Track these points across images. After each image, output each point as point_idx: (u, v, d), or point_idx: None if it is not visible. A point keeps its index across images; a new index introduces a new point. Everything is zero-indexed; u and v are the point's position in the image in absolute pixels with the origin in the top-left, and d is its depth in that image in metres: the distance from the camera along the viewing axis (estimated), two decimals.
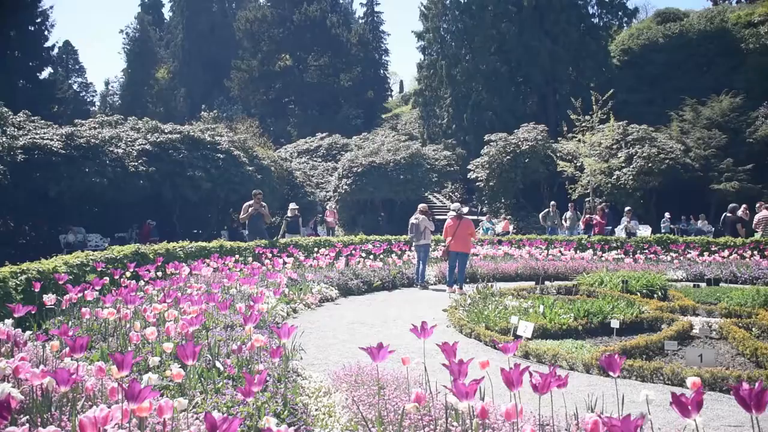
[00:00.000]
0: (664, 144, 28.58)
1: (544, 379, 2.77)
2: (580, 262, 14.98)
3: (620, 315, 8.03)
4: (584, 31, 40.14)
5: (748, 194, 26.65)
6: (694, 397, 2.51)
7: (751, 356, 6.47)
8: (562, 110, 31.17)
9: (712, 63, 38.39)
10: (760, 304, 9.05)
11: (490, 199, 31.09)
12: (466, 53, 40.66)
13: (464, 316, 8.50)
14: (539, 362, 6.36)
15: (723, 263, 14.73)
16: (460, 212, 12.33)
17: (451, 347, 3.45)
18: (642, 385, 5.61)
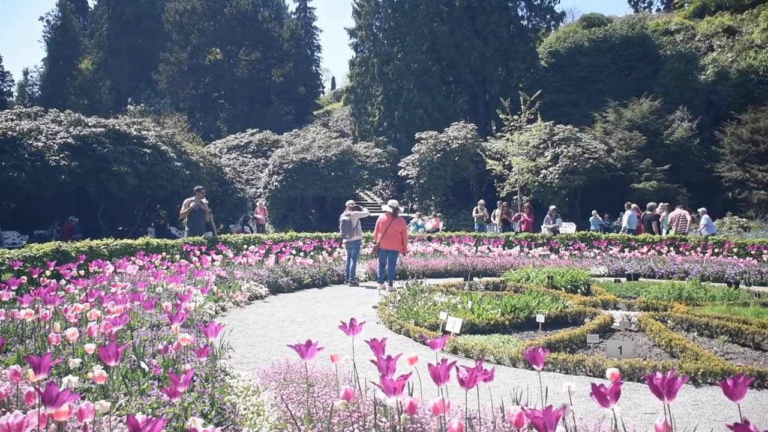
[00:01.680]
0: (589, 144, 29.52)
1: (470, 373, 2.83)
2: (507, 258, 15.29)
3: (545, 310, 8.24)
4: (514, 33, 41.00)
5: (666, 193, 27.91)
6: (612, 387, 2.60)
7: (666, 347, 6.77)
8: (491, 109, 31.79)
9: (634, 67, 39.86)
10: (675, 298, 9.49)
11: (420, 197, 31.38)
12: (398, 51, 40.89)
13: (394, 313, 8.55)
14: (467, 357, 6.46)
15: (642, 259, 15.34)
16: (396, 210, 12.38)
17: (380, 343, 3.47)
18: (566, 377, 5.78)
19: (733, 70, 35.94)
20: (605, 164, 29.25)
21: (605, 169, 29.18)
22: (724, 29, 40.53)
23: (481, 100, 40.89)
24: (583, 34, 43.36)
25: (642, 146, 30.62)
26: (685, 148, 31.91)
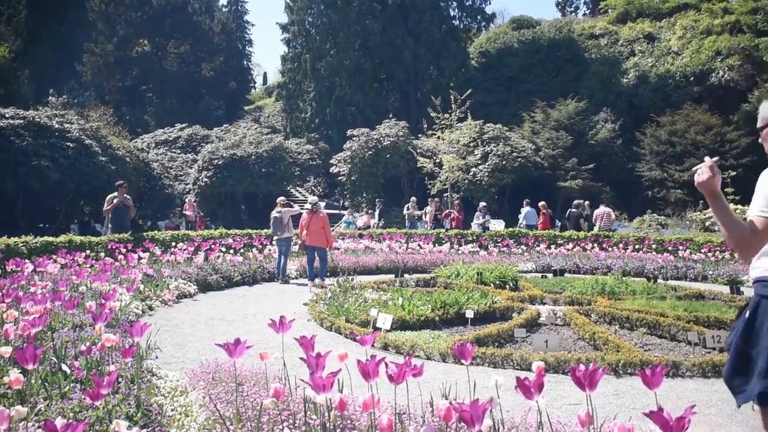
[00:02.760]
0: (517, 143, 30.17)
1: (399, 369, 2.86)
2: (438, 255, 15.48)
3: (475, 305, 8.38)
4: (446, 33, 41.45)
5: (590, 191, 28.86)
6: (536, 380, 2.68)
7: (590, 340, 7.02)
8: (423, 108, 32.05)
9: (561, 69, 40.95)
10: (599, 293, 9.83)
11: (351, 194, 31.38)
12: (330, 48, 40.75)
13: (325, 310, 8.55)
14: (398, 353, 6.52)
15: (568, 255, 15.82)
16: (315, 206, 12.37)
17: (309, 341, 3.47)
18: (494, 371, 5.90)
19: (652, 74, 37.44)
20: (533, 163, 29.98)
21: (533, 167, 29.91)
22: (645, 35, 42.17)
23: (413, 98, 41.22)
24: (513, 36, 44.26)
25: (568, 146, 31.54)
26: (609, 148, 33.09)
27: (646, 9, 46.72)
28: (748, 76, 35.33)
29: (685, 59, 37.21)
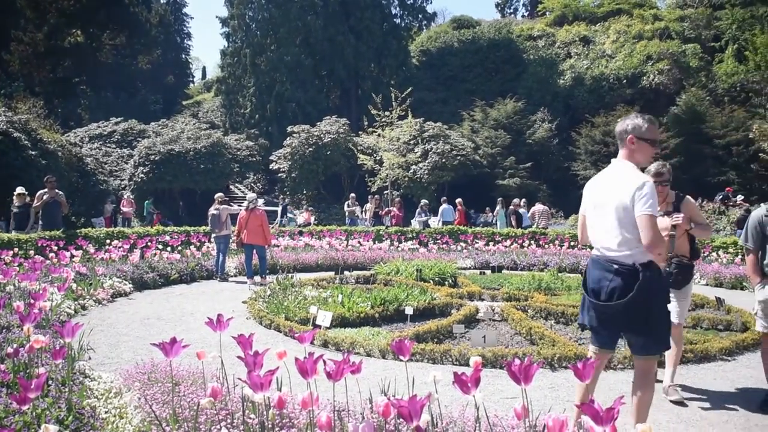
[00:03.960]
0: (457, 141, 30.54)
1: (337, 366, 2.86)
2: (378, 252, 15.52)
3: (414, 302, 8.43)
4: (387, 31, 41.58)
5: (528, 189, 29.48)
6: (473, 375, 2.72)
7: (526, 335, 7.16)
8: (363, 105, 32.10)
9: (500, 69, 41.65)
10: (535, 288, 10.04)
11: (292, 191, 31.17)
12: (271, 43, 40.29)
13: (264, 308, 8.47)
14: (338, 350, 6.51)
15: (506, 252, 16.09)
16: (253, 203, 12.24)
17: (247, 339, 3.43)
18: (433, 366, 5.96)
19: (588, 76, 38.47)
20: (472, 161, 30.40)
21: (472, 165, 30.33)
22: (581, 38, 43.32)
23: (354, 95, 41.20)
24: (453, 35, 44.74)
25: (506, 144, 32.12)
26: (546, 147, 33.86)
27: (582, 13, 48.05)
28: (676, 80, 36.74)
29: (618, 62, 38.38)
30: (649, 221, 3.50)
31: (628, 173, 3.71)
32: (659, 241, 3.52)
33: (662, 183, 5.11)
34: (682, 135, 31.67)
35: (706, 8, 44.32)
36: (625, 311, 3.61)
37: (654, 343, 3.69)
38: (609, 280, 3.65)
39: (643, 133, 3.75)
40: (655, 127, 3.82)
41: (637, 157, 3.79)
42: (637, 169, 3.74)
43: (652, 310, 3.60)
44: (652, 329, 3.65)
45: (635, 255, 3.59)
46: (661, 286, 3.72)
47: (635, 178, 3.63)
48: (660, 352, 3.79)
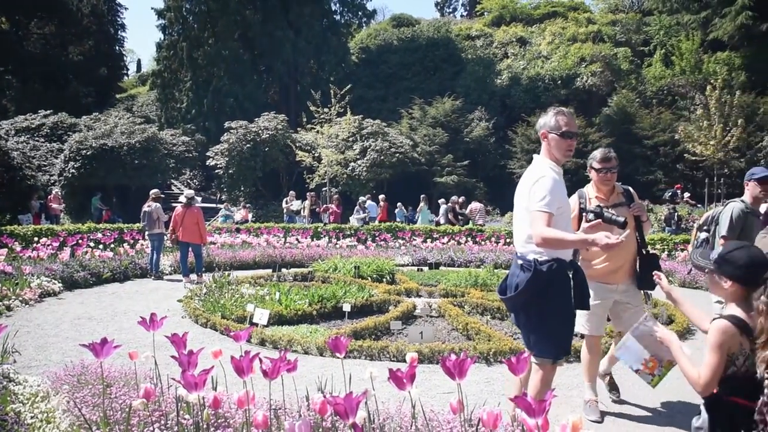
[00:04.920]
0: (395, 139, 30.66)
1: (273, 364, 2.84)
2: (316, 249, 15.50)
3: (352, 299, 8.47)
4: (327, 27, 41.35)
5: (465, 187, 29.88)
6: (408, 371, 2.75)
7: (463, 330, 7.28)
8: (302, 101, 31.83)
9: (438, 68, 41.97)
10: (472, 285, 10.20)
11: (229, 187, 30.69)
12: (209, 37, 39.50)
13: (200, 306, 8.36)
14: (275, 348, 6.48)
15: (443, 249, 16.28)
16: (190, 200, 12.03)
17: (181, 338, 3.38)
18: (371, 363, 6.00)
19: (524, 76, 39.22)
20: (410, 158, 30.58)
21: (410, 163, 30.52)
22: (517, 39, 44.14)
23: (293, 91, 40.83)
24: (393, 33, 44.85)
25: (444, 142, 32.46)
26: (483, 145, 34.37)
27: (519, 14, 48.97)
28: (608, 82, 37.88)
29: (553, 63, 39.27)
30: (537, 217, 3.47)
31: (535, 169, 3.70)
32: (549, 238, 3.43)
33: (610, 170, 4.66)
34: (613, 135, 32.68)
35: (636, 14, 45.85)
36: (520, 306, 3.65)
37: (545, 345, 3.60)
38: (516, 276, 3.68)
39: (553, 127, 3.71)
40: (566, 119, 3.72)
41: (554, 153, 3.73)
42: (547, 165, 3.69)
43: (543, 309, 3.56)
44: (542, 329, 3.60)
45: (539, 252, 3.56)
46: (559, 287, 3.57)
47: (536, 174, 3.62)
48: (552, 357, 3.64)
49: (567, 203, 3.75)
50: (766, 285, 2.50)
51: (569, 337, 3.72)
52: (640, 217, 4.66)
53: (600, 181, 4.67)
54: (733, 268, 2.64)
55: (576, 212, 4.57)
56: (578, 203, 4.67)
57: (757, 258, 2.64)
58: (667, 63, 39.71)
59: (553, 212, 3.49)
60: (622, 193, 4.72)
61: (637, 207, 4.64)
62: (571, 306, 3.64)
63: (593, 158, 4.68)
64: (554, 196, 3.51)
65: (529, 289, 3.53)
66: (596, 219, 4.02)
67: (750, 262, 2.61)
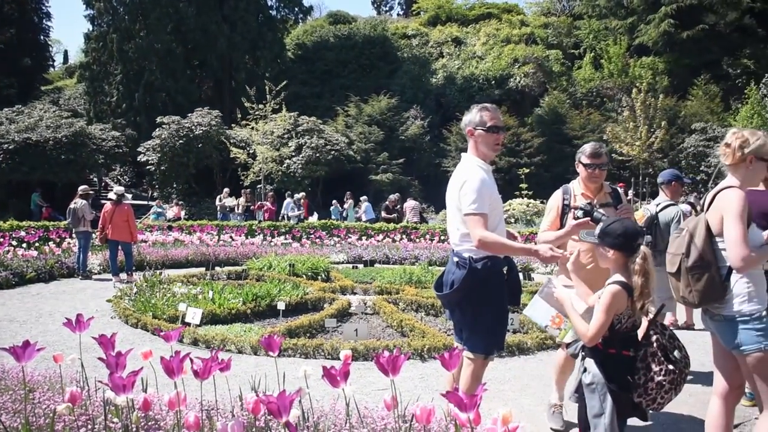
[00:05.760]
0: (331, 136, 30.59)
1: (205, 364, 2.81)
2: (250, 247, 15.34)
3: (287, 297, 8.43)
4: (262, 22, 40.82)
5: (400, 185, 30.09)
6: (342, 368, 2.77)
7: (398, 327, 7.34)
8: (237, 97, 31.40)
9: (374, 66, 42.07)
10: (406, 282, 10.29)
11: (161, 184, 30.02)
12: (140, 29, 38.40)
13: (130, 306, 8.16)
14: (208, 348, 6.38)
15: (378, 246, 16.35)
16: (120, 197, 11.73)
17: (109, 339, 3.29)
18: (305, 361, 5.98)
19: (459, 76, 39.76)
20: (346, 156, 30.59)
21: (346, 160, 30.54)
22: (453, 39, 44.72)
23: (227, 87, 40.18)
24: (330, 30, 44.69)
25: (380, 140, 32.60)
26: (418, 143, 34.68)
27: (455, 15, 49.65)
28: (540, 83, 38.85)
29: (487, 64, 39.96)
30: (472, 220, 3.52)
31: (464, 169, 3.73)
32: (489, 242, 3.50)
33: (600, 167, 4.30)
34: (545, 135, 33.57)
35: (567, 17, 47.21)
36: (455, 302, 3.71)
37: (479, 341, 3.67)
38: (452, 273, 3.73)
39: (478, 123, 3.71)
40: (490, 113, 3.73)
41: (481, 149, 3.75)
42: (474, 164, 3.72)
43: (477, 305, 3.62)
44: (476, 325, 3.66)
45: (474, 250, 3.60)
46: (493, 284, 3.65)
47: (464, 174, 3.66)
48: (485, 352, 3.70)
49: (498, 199, 3.79)
50: (639, 250, 3.01)
51: (502, 333, 3.82)
52: None
53: (588, 178, 4.34)
54: (612, 238, 3.08)
55: (559, 210, 4.37)
56: (562, 199, 4.41)
57: (629, 228, 3.12)
58: (596, 66, 41.06)
59: (486, 212, 3.56)
60: (610, 193, 4.44)
61: (624, 208, 4.37)
62: (505, 303, 3.75)
63: (582, 152, 4.39)
64: (484, 196, 3.57)
65: (464, 286, 3.59)
66: (585, 217, 3.93)
67: (624, 231, 3.08)
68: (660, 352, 2.98)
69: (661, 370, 2.94)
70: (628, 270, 3.05)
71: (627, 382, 3.01)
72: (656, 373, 2.95)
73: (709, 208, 3.34)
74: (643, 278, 2.98)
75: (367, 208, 21.78)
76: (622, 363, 3.05)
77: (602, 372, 3.06)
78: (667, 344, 3.02)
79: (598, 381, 3.07)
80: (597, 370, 3.09)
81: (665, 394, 2.97)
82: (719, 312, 3.29)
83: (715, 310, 3.31)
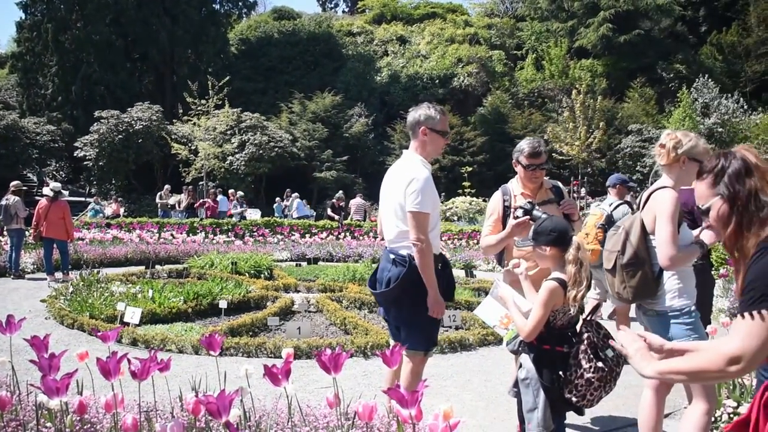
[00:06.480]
0: (275, 133, 30.33)
1: (143, 364, 2.76)
2: (192, 245, 15.11)
3: (229, 295, 8.34)
4: (205, 16, 40.10)
5: (344, 182, 30.08)
6: (283, 367, 2.76)
7: (341, 325, 7.36)
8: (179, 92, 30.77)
9: (319, 63, 41.87)
10: (350, 279, 10.29)
11: (99, 180, 29.23)
12: (77, 19, 37.19)
13: (66, 306, 7.93)
14: (148, 348, 6.25)
15: (322, 244, 16.32)
16: (58, 194, 11.38)
17: (43, 341, 3.20)
18: (248, 360, 5.93)
19: (403, 74, 39.96)
20: (290, 153, 30.38)
21: (290, 157, 30.33)
22: (398, 38, 44.91)
23: (169, 81, 39.33)
24: (274, 26, 44.25)
25: (324, 138, 32.50)
26: (362, 141, 34.72)
27: (400, 13, 49.87)
28: (483, 83, 39.41)
29: (432, 63, 40.27)
30: (414, 218, 3.56)
31: (408, 166, 3.76)
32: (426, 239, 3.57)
33: (539, 167, 4.14)
34: (488, 134, 34.08)
35: (510, 19, 47.98)
36: (392, 300, 3.75)
37: (418, 338, 3.70)
38: (388, 270, 3.74)
39: (435, 124, 3.75)
40: (446, 119, 3.84)
41: (429, 149, 3.79)
42: (420, 162, 3.76)
43: (415, 303, 3.66)
44: (414, 323, 3.70)
45: (411, 247, 3.62)
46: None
47: (410, 172, 3.68)
48: (423, 349, 3.75)
49: (438, 199, 3.85)
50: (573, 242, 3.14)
51: (438, 329, 3.89)
52: (571, 216, 4.18)
53: (528, 178, 4.18)
54: (545, 236, 3.19)
55: (500, 212, 4.21)
56: (501, 200, 4.25)
57: (559, 223, 3.28)
58: (538, 67, 41.89)
59: (430, 212, 3.62)
60: (551, 189, 4.26)
61: (568, 204, 4.22)
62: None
63: (520, 152, 4.16)
64: (430, 196, 3.62)
65: (402, 284, 3.61)
66: (524, 216, 3.84)
67: (555, 227, 3.21)
68: (591, 350, 3.04)
69: (591, 367, 2.99)
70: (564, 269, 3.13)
71: (559, 378, 3.09)
72: (586, 370, 3.00)
73: (644, 208, 3.46)
74: (576, 266, 3.06)
75: (299, 205, 21.72)
76: (555, 359, 3.12)
77: (536, 367, 3.14)
78: (599, 342, 3.08)
79: (532, 376, 3.15)
80: (531, 365, 3.16)
81: (594, 391, 3.03)
82: (652, 307, 3.42)
83: (648, 306, 3.44)
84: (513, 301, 3.28)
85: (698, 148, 3.40)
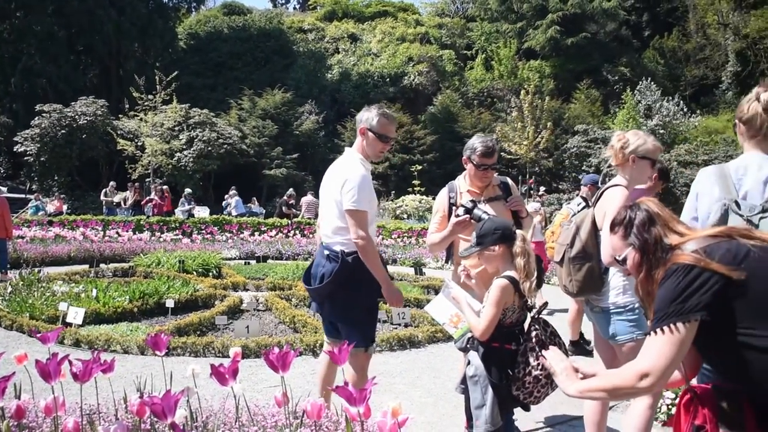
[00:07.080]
0: (224, 130, 29.93)
1: (85, 366, 2.70)
2: (138, 243, 14.84)
3: (176, 294, 8.23)
4: (153, 9, 39.29)
5: (294, 180, 29.93)
6: (231, 366, 2.73)
7: (290, 323, 7.34)
8: (125, 86, 30.17)
9: (270, 59, 41.47)
10: (299, 278, 10.24)
11: (41, 176, 28.35)
12: (16, 9, 35.98)
13: (4, 307, 7.67)
14: (92, 349, 6.11)
15: (271, 242, 16.21)
16: None
17: None
18: (195, 360, 5.86)
19: (354, 72, 39.96)
20: (239, 150, 30.04)
21: (239, 155, 29.99)
22: (349, 35, 44.89)
23: (115, 75, 38.42)
24: (224, 21, 43.63)
25: (274, 135, 32.25)
26: (312, 139, 34.59)
27: (351, 11, 49.82)
28: (433, 82, 39.72)
29: (383, 61, 40.38)
30: (352, 216, 3.58)
31: (347, 164, 3.79)
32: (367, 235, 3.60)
33: (491, 167, 4.06)
34: (437, 133, 34.35)
35: (460, 19, 48.47)
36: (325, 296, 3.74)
37: (357, 335, 3.65)
38: (322, 266, 3.74)
39: (372, 126, 3.75)
40: (387, 122, 3.78)
41: (368, 150, 3.81)
42: (358, 161, 3.78)
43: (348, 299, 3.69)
44: (353, 319, 3.72)
45: (346, 244, 3.65)
46: (364, 277, 3.68)
47: (347, 170, 3.71)
48: (365, 345, 3.72)
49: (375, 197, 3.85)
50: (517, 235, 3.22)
51: (374, 326, 3.92)
52: (519, 213, 4.15)
53: (478, 177, 4.10)
54: (490, 236, 3.21)
55: (445, 209, 4.20)
56: (448, 198, 4.22)
57: (499, 222, 3.36)
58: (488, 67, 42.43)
59: (367, 210, 3.64)
60: (498, 186, 4.18)
61: (515, 201, 4.14)
62: (376, 296, 3.79)
63: (472, 150, 4.03)
64: (366, 194, 3.65)
65: (335, 280, 3.62)
66: (465, 214, 3.86)
67: (497, 226, 3.26)
68: (538, 347, 3.07)
69: (538, 364, 3.03)
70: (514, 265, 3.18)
71: (507, 375, 3.13)
72: (533, 367, 3.05)
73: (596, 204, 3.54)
74: (525, 258, 3.13)
75: (237, 203, 21.55)
76: (504, 356, 3.16)
77: (484, 365, 3.17)
78: (547, 340, 3.13)
79: (480, 373, 3.18)
80: (480, 362, 3.20)
81: (541, 388, 3.09)
82: (597, 304, 3.50)
83: (594, 302, 3.52)
84: (466, 301, 3.32)
85: (647, 146, 3.47)
